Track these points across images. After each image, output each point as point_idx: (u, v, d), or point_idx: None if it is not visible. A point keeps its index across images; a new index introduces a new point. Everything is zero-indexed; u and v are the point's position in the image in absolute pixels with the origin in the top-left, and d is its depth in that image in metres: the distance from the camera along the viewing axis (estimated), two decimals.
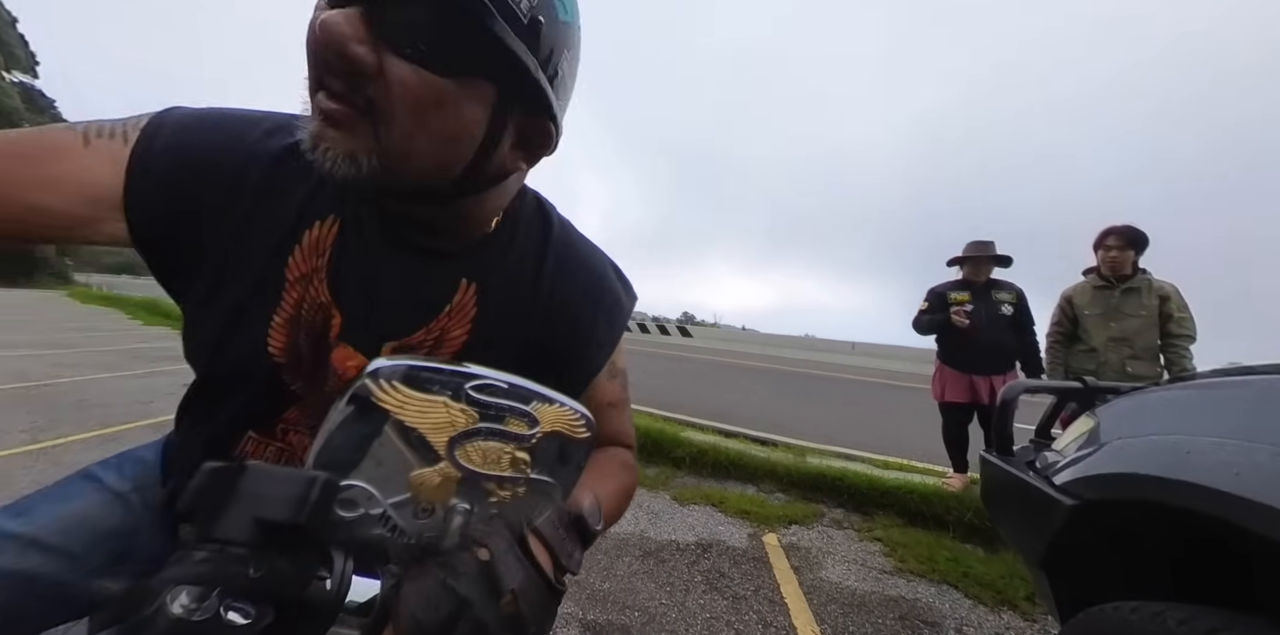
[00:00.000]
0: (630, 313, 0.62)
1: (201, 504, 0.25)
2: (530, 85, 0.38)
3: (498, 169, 0.42)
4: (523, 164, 0.44)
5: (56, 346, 7.23)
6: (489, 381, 0.34)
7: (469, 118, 0.37)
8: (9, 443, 3.18)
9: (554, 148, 0.45)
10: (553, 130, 0.43)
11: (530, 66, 0.36)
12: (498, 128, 0.39)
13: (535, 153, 0.44)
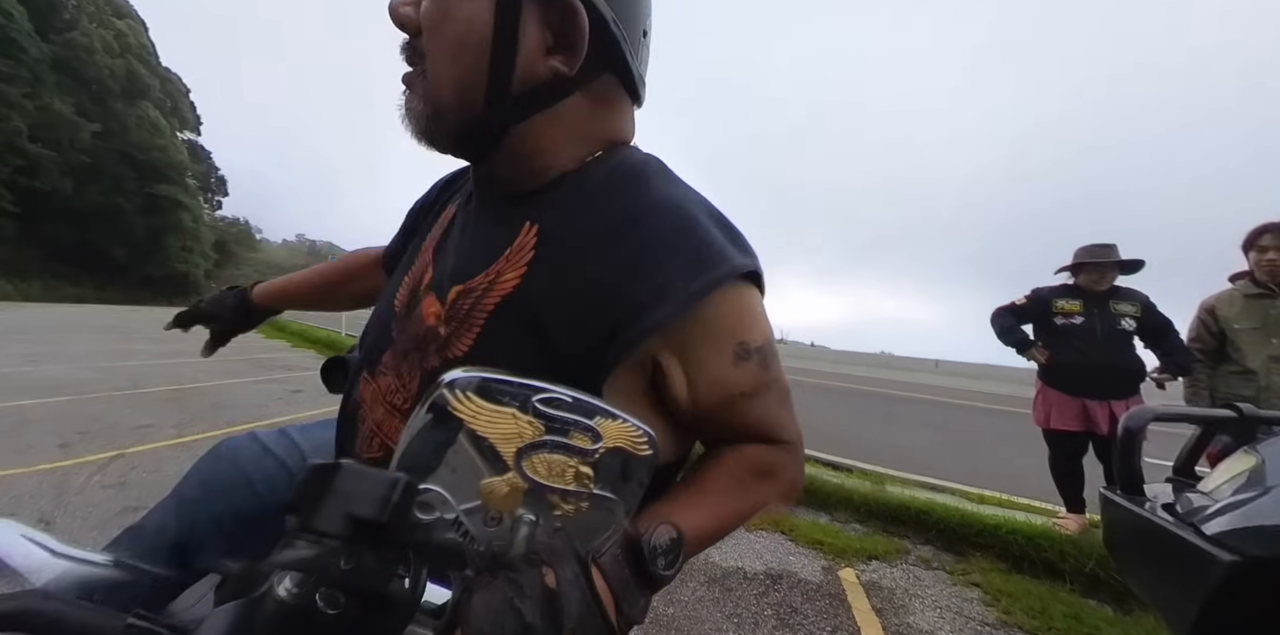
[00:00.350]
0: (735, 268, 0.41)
1: (304, 497, 0.27)
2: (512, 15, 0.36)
3: (532, 75, 0.40)
4: (561, 65, 0.40)
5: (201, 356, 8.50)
6: (555, 395, 0.35)
7: (472, 12, 0.36)
8: (162, 436, 3.76)
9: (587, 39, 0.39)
10: (579, 9, 0.38)
11: None
12: (510, 18, 0.37)
13: (572, 44, 0.39)
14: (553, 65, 0.40)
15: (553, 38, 0.39)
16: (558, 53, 0.40)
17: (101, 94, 40.81)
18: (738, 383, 0.45)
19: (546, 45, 0.39)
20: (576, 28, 0.38)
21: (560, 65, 0.40)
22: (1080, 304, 2.52)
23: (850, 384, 11.46)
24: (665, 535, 0.35)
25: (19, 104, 32.86)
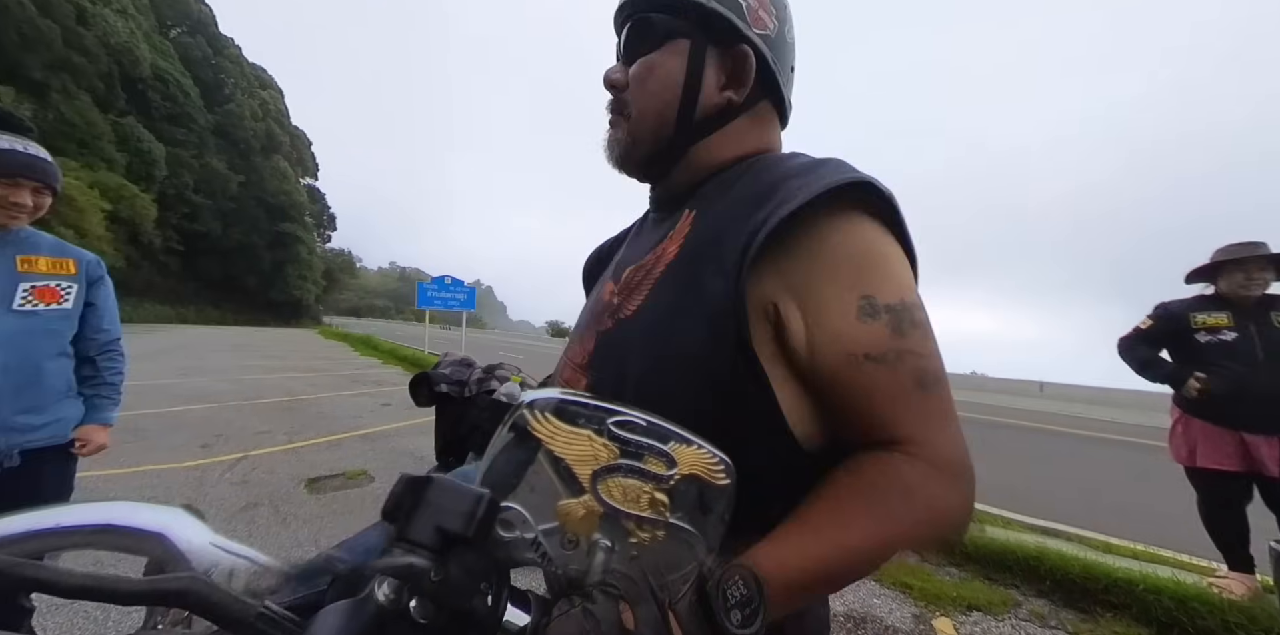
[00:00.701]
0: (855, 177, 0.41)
1: (399, 507, 0.30)
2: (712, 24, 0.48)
3: (710, 105, 0.51)
4: (732, 95, 0.51)
5: (308, 370, 9.62)
6: (629, 418, 0.35)
7: (669, 70, 0.50)
8: (276, 441, 4.25)
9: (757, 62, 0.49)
10: (748, 53, 0.49)
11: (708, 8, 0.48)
12: (697, 66, 0.50)
13: (741, 81, 0.50)
14: (727, 96, 0.51)
15: (726, 76, 0.51)
16: (730, 87, 0.51)
17: (246, 151, 49.02)
18: (860, 340, 0.40)
19: (721, 83, 0.51)
20: (746, 68, 0.50)
21: (733, 96, 0.51)
22: (1228, 316, 2.11)
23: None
24: (738, 582, 0.31)
25: (188, 164, 40.41)
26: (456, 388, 1.72)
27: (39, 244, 1.31)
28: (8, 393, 1.21)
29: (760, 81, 0.51)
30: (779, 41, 0.51)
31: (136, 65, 36.32)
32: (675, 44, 0.50)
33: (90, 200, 22.74)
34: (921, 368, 0.41)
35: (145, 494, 2.95)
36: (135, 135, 34.62)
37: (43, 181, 1.23)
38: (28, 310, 1.25)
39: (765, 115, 0.54)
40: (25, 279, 1.26)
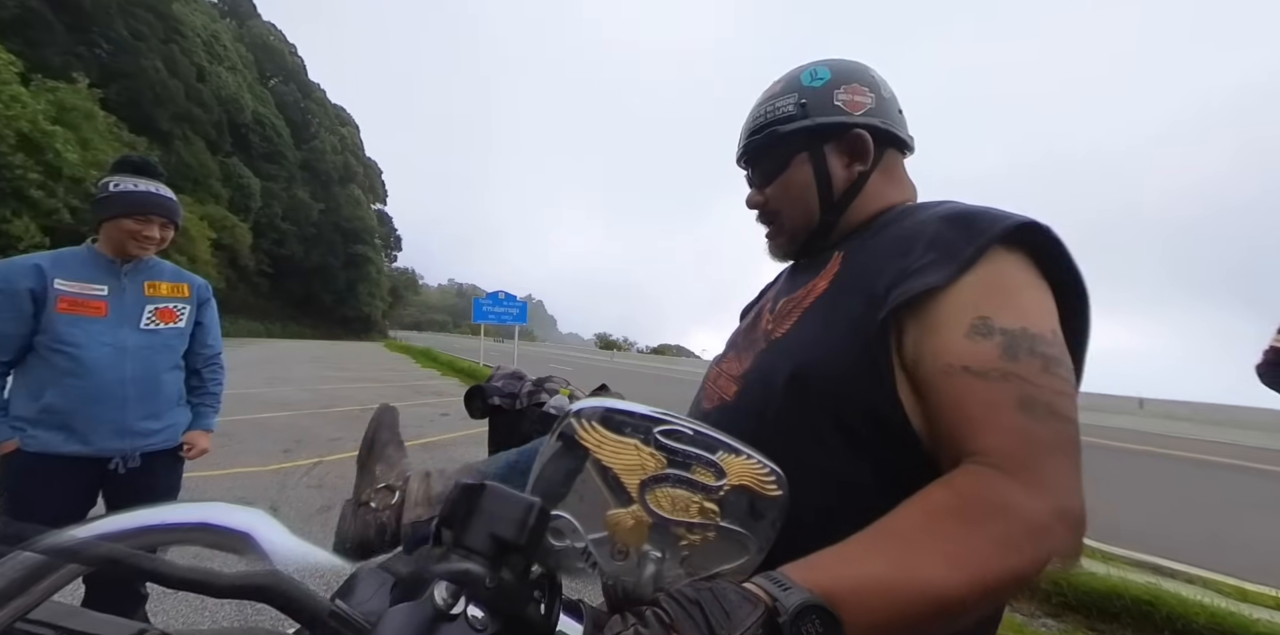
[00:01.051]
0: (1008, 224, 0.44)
1: (455, 513, 0.31)
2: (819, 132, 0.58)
3: (843, 185, 0.60)
4: (859, 167, 0.59)
5: (375, 381, 10.32)
6: (675, 427, 0.35)
7: (801, 179, 0.60)
8: (348, 448, 4.56)
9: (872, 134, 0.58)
10: (860, 134, 0.58)
11: (809, 125, 0.58)
12: (821, 167, 0.59)
13: (863, 155, 0.59)
14: (855, 170, 0.60)
15: (849, 156, 0.59)
16: (855, 162, 0.59)
17: (326, 181, 54.34)
18: (963, 354, 0.41)
19: (846, 162, 0.60)
20: (863, 146, 0.58)
21: (860, 166, 0.60)
22: None
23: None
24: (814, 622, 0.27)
25: (279, 195, 45.34)
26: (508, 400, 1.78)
27: (161, 271, 1.50)
28: (133, 401, 1.38)
29: (880, 140, 0.59)
30: (880, 106, 0.60)
31: (241, 112, 41.61)
32: (797, 159, 0.60)
33: (200, 230, 25.99)
34: (1030, 394, 0.39)
35: (236, 494, 3.25)
36: (237, 172, 39.40)
37: (168, 218, 1.42)
38: (151, 329, 1.43)
39: (892, 163, 0.62)
40: (150, 301, 1.44)
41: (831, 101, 0.58)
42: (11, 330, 1.27)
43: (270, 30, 58.01)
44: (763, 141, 0.61)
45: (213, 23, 43.28)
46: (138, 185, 1.36)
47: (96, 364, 1.32)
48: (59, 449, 1.29)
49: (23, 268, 1.29)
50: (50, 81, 17.60)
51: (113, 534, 0.26)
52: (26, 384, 1.31)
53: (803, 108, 0.58)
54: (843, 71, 0.60)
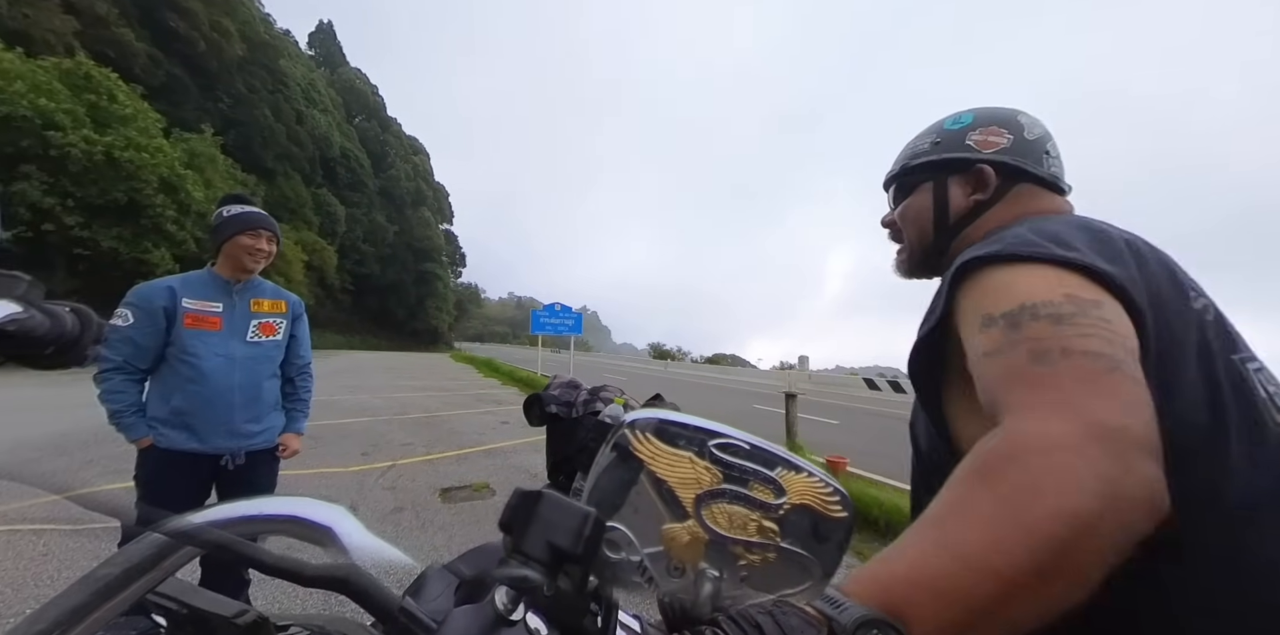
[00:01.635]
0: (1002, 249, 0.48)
1: (514, 519, 0.31)
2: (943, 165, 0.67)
3: (960, 211, 0.67)
4: (979, 197, 0.66)
5: (441, 389, 10.94)
6: (731, 441, 0.34)
7: (921, 204, 0.70)
8: (417, 453, 4.85)
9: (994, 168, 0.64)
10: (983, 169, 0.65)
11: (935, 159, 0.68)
12: (941, 197, 0.68)
13: (983, 187, 0.65)
14: (974, 199, 0.66)
15: (971, 187, 0.66)
16: (976, 192, 0.66)
17: (400, 205, 59.39)
18: (980, 345, 0.45)
19: (967, 192, 0.66)
20: (984, 179, 0.65)
21: (980, 197, 0.66)
22: None
23: None
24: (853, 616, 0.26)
25: (360, 220, 50.12)
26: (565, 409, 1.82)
27: (264, 289, 1.70)
28: (239, 405, 1.56)
29: (1007, 176, 0.65)
30: (1016, 146, 0.65)
31: (330, 148, 46.72)
32: (922, 187, 0.70)
33: (295, 254, 29.25)
34: (1038, 348, 0.39)
35: (321, 493, 3.55)
36: (326, 202, 44.03)
37: (273, 231, 1.63)
38: (255, 341, 1.62)
39: (1026, 195, 0.65)
40: (255, 317, 1.63)
41: (963, 141, 0.67)
42: (150, 343, 1.48)
43: (356, 75, 65.09)
44: (898, 171, 0.73)
45: (310, 72, 49.28)
46: (245, 209, 1.59)
47: (212, 372, 1.52)
48: (182, 446, 1.49)
49: (158, 289, 1.52)
50: (185, 133, 20.74)
51: (219, 521, 0.29)
52: (158, 389, 1.52)
53: (936, 146, 0.69)
54: (986, 117, 0.68)
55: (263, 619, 0.31)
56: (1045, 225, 0.52)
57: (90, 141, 13.97)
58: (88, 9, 23.06)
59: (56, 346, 0.37)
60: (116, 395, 1.46)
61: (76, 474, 3.65)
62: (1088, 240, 0.49)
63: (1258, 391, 0.44)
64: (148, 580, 0.26)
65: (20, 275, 0.37)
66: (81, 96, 14.65)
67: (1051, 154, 0.66)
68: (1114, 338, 0.39)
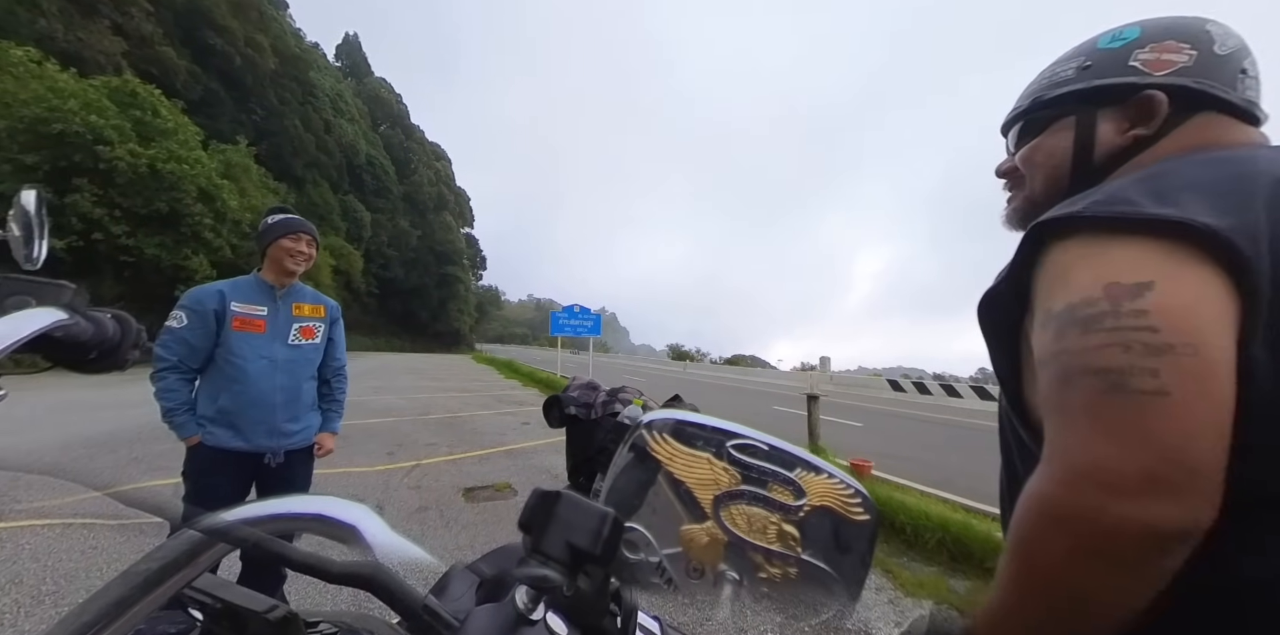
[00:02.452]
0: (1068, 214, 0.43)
1: (533, 519, 0.32)
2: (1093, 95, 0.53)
3: (1109, 150, 0.54)
4: (1141, 130, 0.52)
5: (463, 391, 11.14)
6: (749, 441, 0.33)
7: (1057, 146, 0.56)
8: (440, 453, 4.94)
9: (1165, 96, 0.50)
10: (1152, 96, 0.51)
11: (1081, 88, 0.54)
12: (1087, 135, 0.54)
13: (1148, 119, 0.51)
14: (1133, 134, 0.52)
15: (1131, 121, 0.52)
16: (1138, 126, 0.52)
17: (423, 210, 60.83)
18: (1038, 349, 0.43)
19: (1124, 127, 0.53)
20: (1151, 109, 0.51)
21: (1142, 131, 0.52)
22: None
23: None
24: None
25: (385, 225, 51.53)
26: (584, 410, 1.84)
27: (304, 294, 1.78)
28: (280, 405, 1.63)
29: (1189, 102, 0.51)
30: (1201, 64, 0.51)
31: (357, 156, 48.23)
32: (1061, 123, 0.56)
33: (324, 259, 30.19)
34: (1066, 364, 0.39)
35: (349, 492, 3.65)
36: (353, 208, 45.39)
37: (311, 235, 1.71)
38: (296, 344, 1.69)
39: (1203, 125, 0.52)
40: (296, 321, 1.71)
41: (1125, 62, 0.52)
42: (202, 343, 1.57)
43: (381, 84, 67.03)
44: (1028, 106, 0.58)
45: (337, 83, 50.99)
46: (286, 215, 1.70)
47: (257, 373, 1.59)
48: (228, 445, 1.56)
49: (209, 293, 1.60)
50: (221, 144, 21.70)
51: (250, 519, 0.30)
52: (206, 389, 1.60)
53: (1085, 71, 0.54)
54: (1160, 29, 0.53)
55: (293, 615, 0.32)
56: (1175, 168, 0.45)
57: (135, 155, 14.75)
58: (134, 30, 24.37)
59: (99, 351, 0.38)
60: (170, 393, 1.54)
61: (123, 471, 3.84)
62: (1213, 187, 0.40)
63: None
64: (183, 575, 0.27)
65: (66, 284, 0.39)
66: (128, 112, 15.47)
67: (1249, 73, 0.52)
68: (1153, 334, 0.36)
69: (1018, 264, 0.46)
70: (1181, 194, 0.40)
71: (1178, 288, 0.37)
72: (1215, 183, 0.41)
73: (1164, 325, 0.36)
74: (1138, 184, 0.43)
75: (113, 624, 0.24)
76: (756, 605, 0.29)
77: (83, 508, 2.85)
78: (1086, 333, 0.38)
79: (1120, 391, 0.35)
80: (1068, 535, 0.33)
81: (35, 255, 0.51)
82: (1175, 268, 0.38)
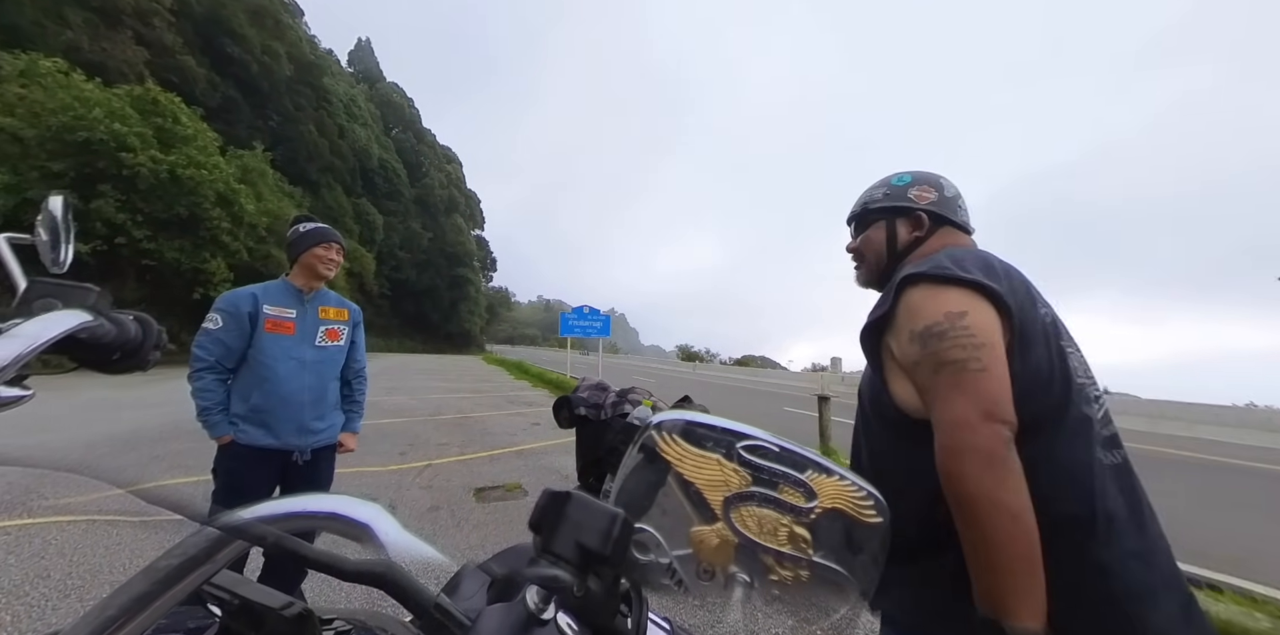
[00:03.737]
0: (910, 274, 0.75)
1: (543, 519, 0.32)
2: (893, 210, 0.91)
3: (904, 243, 0.91)
4: (917, 233, 0.90)
5: (474, 391, 11.22)
6: (760, 443, 0.33)
7: (878, 237, 0.93)
8: (452, 453, 4.99)
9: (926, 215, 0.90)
10: (919, 215, 0.90)
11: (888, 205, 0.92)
12: (892, 231, 0.91)
13: (919, 227, 0.90)
14: (914, 235, 0.91)
15: (911, 228, 0.90)
16: (915, 231, 0.90)
17: (434, 212, 61.45)
18: (910, 353, 0.71)
19: (909, 231, 0.91)
20: (922, 222, 0.90)
21: (918, 234, 0.90)
22: None
23: (1190, 452, 7.66)
24: None
25: (396, 227, 52.16)
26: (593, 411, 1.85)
27: (329, 298, 1.85)
28: (308, 405, 1.70)
29: (936, 220, 0.90)
30: (940, 201, 0.91)
31: (369, 159, 48.91)
32: (878, 224, 0.94)
33: None
34: (937, 360, 0.66)
35: (362, 491, 3.69)
36: (365, 211, 46.04)
37: (339, 243, 1.80)
38: (322, 346, 1.77)
39: (948, 235, 0.91)
40: (323, 323, 1.79)
41: (906, 195, 0.92)
42: (237, 344, 1.64)
43: (394, 89, 67.97)
44: (860, 212, 0.97)
45: (351, 88, 51.79)
46: (316, 225, 1.78)
47: (287, 373, 1.67)
48: (259, 442, 1.62)
49: (243, 296, 1.68)
50: (238, 150, 22.16)
51: (267, 517, 0.30)
52: (239, 388, 1.67)
53: (887, 196, 0.93)
54: (920, 178, 0.94)
55: (308, 612, 0.32)
56: (956, 254, 0.78)
57: (157, 161, 15.12)
58: (156, 40, 25.01)
59: (122, 352, 0.40)
60: (207, 393, 1.61)
61: (145, 468, 3.94)
62: (979, 265, 0.74)
63: (1069, 361, 0.72)
64: (202, 572, 0.27)
65: (91, 287, 0.40)
66: (149, 120, 15.87)
67: (962, 207, 0.93)
68: (973, 340, 0.66)
69: (889, 302, 0.75)
70: (970, 266, 0.73)
71: (980, 313, 0.68)
72: (980, 262, 0.74)
73: (977, 333, 0.66)
74: (945, 260, 0.74)
75: (135, 618, 0.24)
76: (768, 608, 0.29)
77: (106, 505, 2.93)
78: (940, 340, 0.67)
79: (965, 372, 0.64)
80: (973, 455, 0.59)
81: (62, 259, 0.53)
82: (977, 303, 0.69)
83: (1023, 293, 0.73)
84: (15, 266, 0.45)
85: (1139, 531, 0.65)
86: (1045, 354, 0.69)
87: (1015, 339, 0.68)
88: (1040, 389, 0.67)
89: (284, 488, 1.72)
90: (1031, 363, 0.67)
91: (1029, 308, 0.71)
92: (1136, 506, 0.67)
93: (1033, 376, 0.66)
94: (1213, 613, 2.07)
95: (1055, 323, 0.75)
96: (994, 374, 0.63)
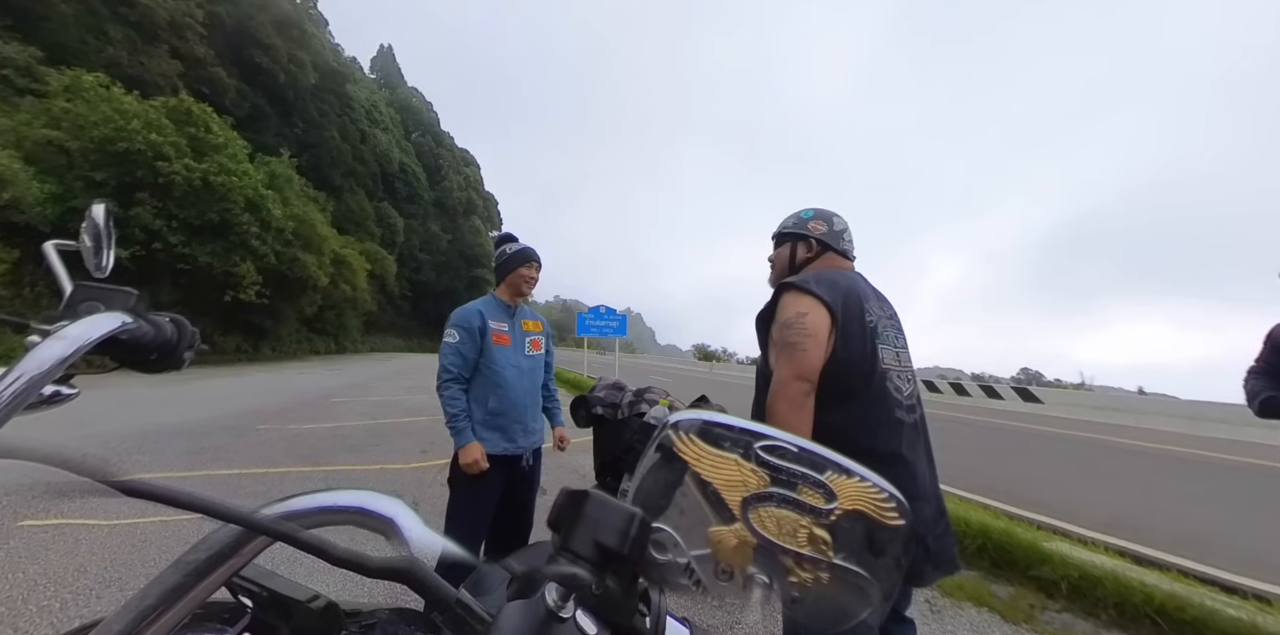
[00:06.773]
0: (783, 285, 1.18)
1: (562, 518, 0.32)
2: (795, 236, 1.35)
3: (801, 260, 1.32)
4: (809, 255, 1.32)
5: None
6: (778, 443, 0.33)
7: (784, 254, 1.35)
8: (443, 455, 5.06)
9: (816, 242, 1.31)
10: (811, 241, 1.31)
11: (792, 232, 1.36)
12: (794, 251, 1.33)
13: (811, 250, 1.31)
14: (807, 256, 1.31)
15: (806, 250, 1.31)
16: (807, 253, 1.31)
17: (453, 215, 62.53)
18: (776, 335, 1.12)
19: (805, 250, 1.31)
20: (811, 246, 1.31)
21: (809, 255, 1.31)
22: None
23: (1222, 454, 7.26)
24: None
25: (417, 230, 53.23)
26: (611, 410, 1.87)
27: (527, 313, 1.99)
28: (529, 408, 1.85)
29: (822, 247, 1.29)
30: (829, 233, 1.29)
31: (390, 163, 50.05)
32: (785, 244, 1.35)
33: (360, 264, 31.45)
34: (781, 341, 1.09)
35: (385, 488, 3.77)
36: (387, 214, 47.11)
37: (538, 262, 1.93)
38: (530, 355, 1.92)
39: (831, 258, 1.30)
40: (527, 335, 1.94)
41: (806, 225, 1.31)
42: (472, 356, 1.78)
43: (413, 93, 69.44)
44: (777, 233, 1.37)
45: (372, 94, 53.07)
46: (521, 246, 1.92)
47: (514, 380, 1.81)
48: (496, 449, 1.74)
49: (472, 312, 1.82)
50: (266, 157, 22.93)
51: (294, 512, 0.31)
52: (475, 395, 1.80)
53: (795, 224, 1.33)
54: (820, 214, 1.32)
55: (333, 604, 0.33)
56: (822, 274, 1.17)
57: (190, 169, 15.77)
58: (189, 53, 26.05)
59: (159, 353, 0.41)
60: (455, 401, 1.76)
61: (195, 458, 4.10)
62: (825, 283, 1.11)
63: (880, 354, 1.09)
64: (230, 565, 0.28)
65: (131, 290, 0.42)
66: (184, 130, 16.56)
67: (847, 239, 1.31)
68: (804, 331, 1.06)
69: (774, 300, 1.16)
70: (822, 283, 1.11)
71: (816, 315, 1.07)
72: (829, 282, 1.12)
73: (809, 327, 1.06)
74: (810, 277, 1.14)
75: (172, 608, 0.25)
76: (788, 609, 0.29)
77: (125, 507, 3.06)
78: (788, 329, 1.08)
79: (795, 350, 1.05)
80: (783, 399, 1.03)
81: (104, 264, 0.56)
82: (817, 308, 1.08)
83: (854, 305, 1.10)
84: (62, 271, 0.48)
85: (914, 461, 1.05)
86: (860, 347, 1.06)
87: (839, 335, 1.06)
88: (854, 367, 1.05)
89: (508, 492, 1.81)
90: (850, 351, 1.05)
91: (854, 316, 1.08)
92: (916, 448, 1.07)
93: (849, 359, 1.05)
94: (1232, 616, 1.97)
95: (876, 328, 1.11)
96: (811, 354, 1.04)
